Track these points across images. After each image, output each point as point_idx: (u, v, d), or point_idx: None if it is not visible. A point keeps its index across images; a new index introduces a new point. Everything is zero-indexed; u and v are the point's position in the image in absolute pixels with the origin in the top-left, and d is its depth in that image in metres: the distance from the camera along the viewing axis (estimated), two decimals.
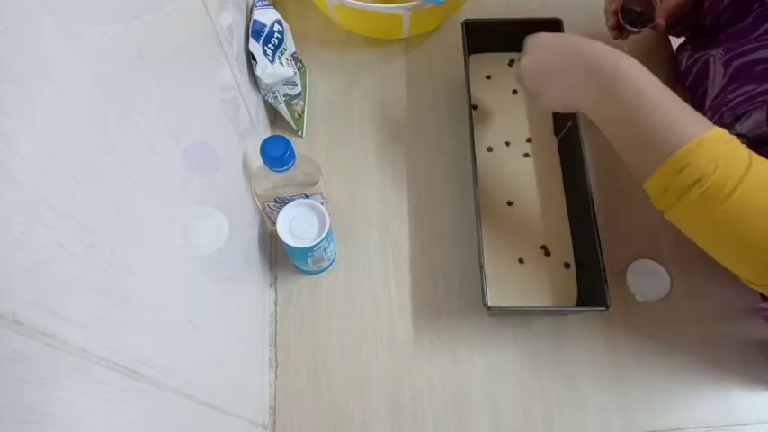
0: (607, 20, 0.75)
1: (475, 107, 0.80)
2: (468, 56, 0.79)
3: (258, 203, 0.68)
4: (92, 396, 0.29)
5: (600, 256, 0.65)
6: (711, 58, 0.73)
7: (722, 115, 0.70)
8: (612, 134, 0.56)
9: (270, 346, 0.69)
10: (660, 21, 0.72)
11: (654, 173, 0.51)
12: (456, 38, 0.80)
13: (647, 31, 0.73)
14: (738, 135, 0.64)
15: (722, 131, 0.50)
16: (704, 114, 0.72)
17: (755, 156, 0.49)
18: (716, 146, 0.49)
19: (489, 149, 0.78)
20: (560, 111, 0.63)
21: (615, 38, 0.76)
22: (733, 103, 0.68)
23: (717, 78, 0.72)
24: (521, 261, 0.72)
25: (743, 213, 0.48)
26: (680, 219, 0.53)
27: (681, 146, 0.49)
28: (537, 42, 0.61)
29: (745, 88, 0.67)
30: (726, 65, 0.70)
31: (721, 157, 0.48)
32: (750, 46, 0.67)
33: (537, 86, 0.61)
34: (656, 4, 0.71)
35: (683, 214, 0.52)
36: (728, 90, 0.70)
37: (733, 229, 0.49)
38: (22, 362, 0.24)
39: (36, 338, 0.25)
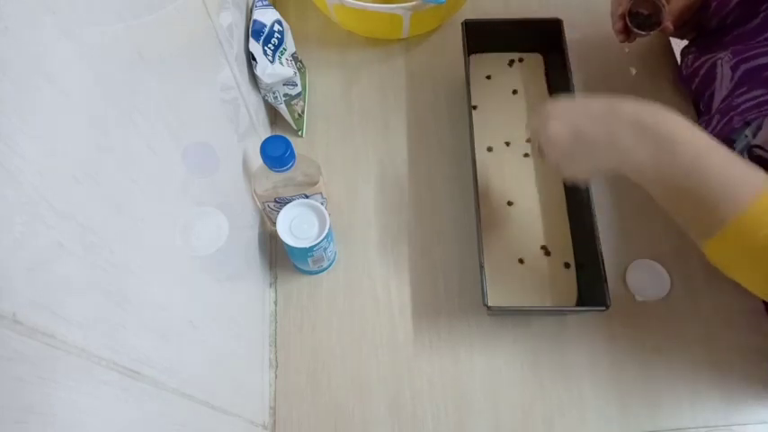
0: (614, 23, 0.75)
1: (475, 107, 0.80)
2: (468, 56, 0.79)
3: (258, 203, 0.68)
4: (92, 396, 0.29)
5: (600, 256, 0.64)
6: (719, 62, 0.72)
7: (731, 119, 0.69)
8: (665, 194, 0.52)
9: (270, 346, 0.69)
10: (668, 23, 0.71)
11: (718, 232, 0.48)
12: (456, 38, 0.80)
13: (660, 36, 0.73)
14: (754, 147, 0.64)
15: None
16: (712, 117, 0.71)
17: None
18: None
19: (489, 149, 0.78)
20: (593, 176, 0.60)
21: (622, 41, 0.75)
22: (741, 107, 0.68)
23: (724, 81, 0.71)
24: (521, 261, 0.72)
25: None
26: (742, 274, 0.51)
27: (749, 203, 0.46)
28: (562, 108, 0.56)
29: (755, 92, 0.67)
30: (734, 68, 0.70)
31: None
32: (758, 50, 0.67)
33: (569, 154, 0.55)
34: (664, 6, 0.71)
35: (748, 269, 0.50)
36: (736, 94, 0.69)
37: None
38: (22, 362, 0.24)
39: (36, 338, 0.25)
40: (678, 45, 0.85)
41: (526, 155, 0.77)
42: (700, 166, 0.48)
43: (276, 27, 0.70)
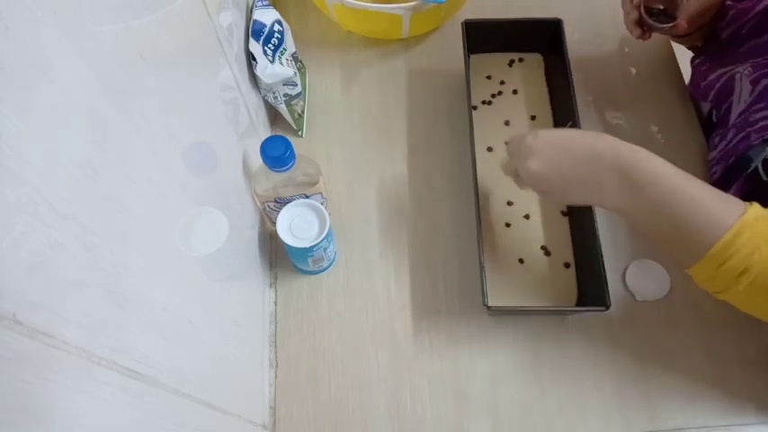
0: (626, 15, 0.72)
1: (475, 107, 0.80)
2: (468, 56, 0.79)
3: (258, 203, 0.68)
4: (92, 396, 0.29)
5: (600, 256, 0.64)
6: (738, 75, 0.70)
7: (748, 135, 0.67)
8: (646, 229, 0.55)
9: (270, 346, 0.69)
10: (682, 21, 0.69)
11: (696, 265, 0.52)
12: (456, 38, 0.80)
13: (660, 36, 0.71)
14: None
15: (758, 211, 0.50)
16: (728, 131, 0.70)
17: None
18: (756, 230, 0.48)
19: (489, 149, 0.78)
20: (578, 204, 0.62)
21: (638, 37, 0.73)
22: (759, 124, 0.66)
23: (743, 95, 0.69)
24: (521, 261, 0.72)
25: None
26: (732, 300, 0.53)
27: (719, 237, 0.49)
28: (543, 145, 0.57)
29: None
30: (754, 82, 0.68)
31: (764, 241, 0.48)
32: None
33: (551, 189, 0.58)
34: (680, 2, 0.69)
35: (734, 298, 0.53)
36: (754, 109, 0.68)
37: None
38: (23, 362, 0.24)
39: (36, 338, 0.25)
40: (678, 46, 0.85)
41: None
42: (676, 202, 0.51)
43: (276, 27, 0.70)
